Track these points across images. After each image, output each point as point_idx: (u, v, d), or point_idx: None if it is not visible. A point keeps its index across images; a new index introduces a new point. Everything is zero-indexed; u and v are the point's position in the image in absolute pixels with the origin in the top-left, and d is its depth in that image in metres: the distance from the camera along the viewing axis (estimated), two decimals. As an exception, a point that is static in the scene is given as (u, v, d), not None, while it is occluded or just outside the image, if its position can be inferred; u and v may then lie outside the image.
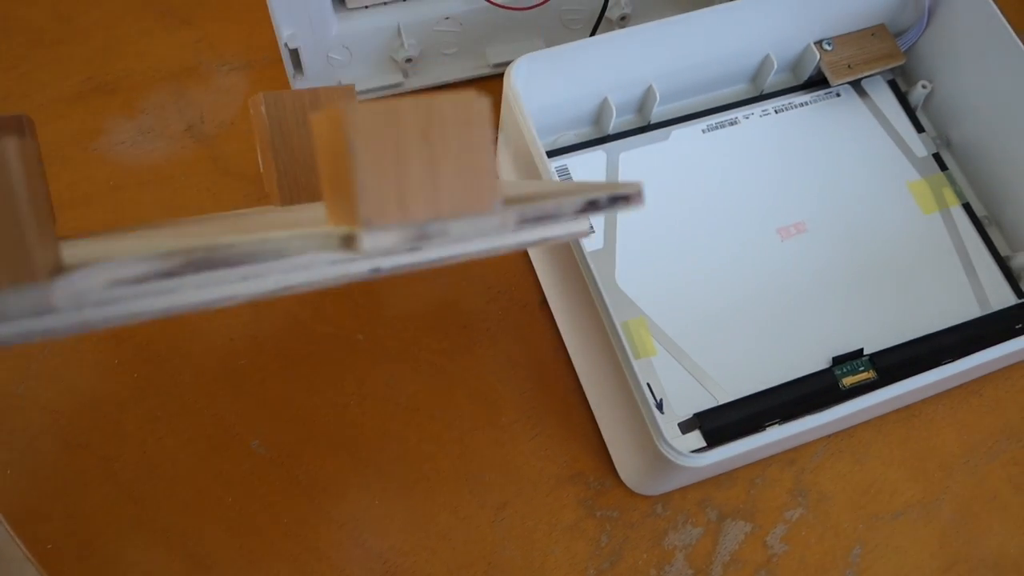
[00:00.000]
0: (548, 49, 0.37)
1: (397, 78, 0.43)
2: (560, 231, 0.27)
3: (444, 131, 0.19)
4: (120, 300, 0.19)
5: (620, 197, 0.21)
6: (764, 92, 0.44)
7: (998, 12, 0.40)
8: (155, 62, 0.44)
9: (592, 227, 0.28)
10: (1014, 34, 0.39)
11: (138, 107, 0.43)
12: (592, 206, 0.21)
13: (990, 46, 0.40)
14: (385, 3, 0.41)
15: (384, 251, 0.19)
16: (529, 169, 0.36)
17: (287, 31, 0.39)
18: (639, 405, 0.31)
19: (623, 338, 0.32)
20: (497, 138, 0.41)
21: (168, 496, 0.36)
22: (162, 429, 0.37)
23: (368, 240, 0.19)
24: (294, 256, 0.20)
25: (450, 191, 0.19)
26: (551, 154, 0.41)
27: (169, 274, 0.19)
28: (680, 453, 0.31)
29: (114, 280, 0.18)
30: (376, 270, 0.22)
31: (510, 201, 0.21)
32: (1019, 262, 0.41)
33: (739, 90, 0.44)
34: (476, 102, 0.20)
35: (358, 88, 0.43)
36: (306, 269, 0.21)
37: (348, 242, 0.19)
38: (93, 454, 0.36)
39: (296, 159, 0.31)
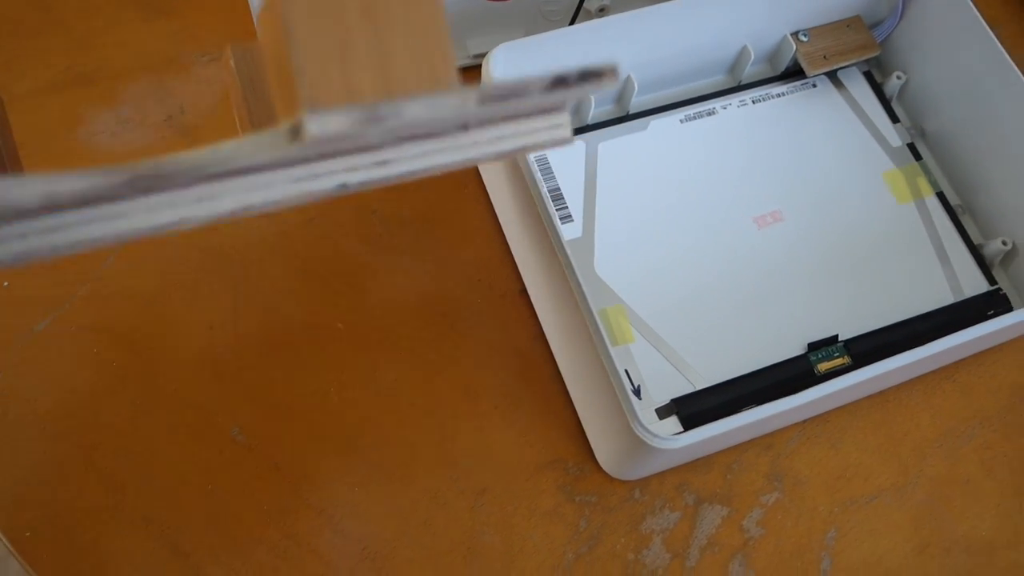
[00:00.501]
0: (526, 38, 0.37)
1: (377, 68, 0.43)
2: (538, 136, 0.24)
3: (388, 7, 0.18)
4: (65, 227, 0.18)
5: (592, 73, 0.20)
6: (742, 83, 0.45)
7: (970, 3, 0.40)
8: (134, 52, 0.44)
9: (573, 137, 0.27)
10: (986, 25, 0.40)
11: (117, 98, 0.43)
12: (562, 82, 0.20)
13: (963, 37, 0.41)
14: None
15: (332, 136, 0.18)
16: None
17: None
18: (616, 391, 0.32)
19: (600, 325, 0.32)
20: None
21: (148, 484, 0.36)
22: (142, 418, 0.37)
23: (313, 123, 0.17)
24: (244, 161, 0.18)
25: (401, 69, 0.18)
26: (530, 144, 0.42)
27: (113, 196, 0.17)
28: (655, 435, 0.31)
29: (50, 194, 0.17)
30: (343, 186, 0.21)
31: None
32: (991, 250, 0.41)
33: (717, 81, 0.45)
34: None
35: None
36: (266, 188, 0.20)
37: (296, 134, 0.18)
38: (72, 443, 0.36)
39: (271, 115, 0.30)
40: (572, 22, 0.43)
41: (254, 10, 0.39)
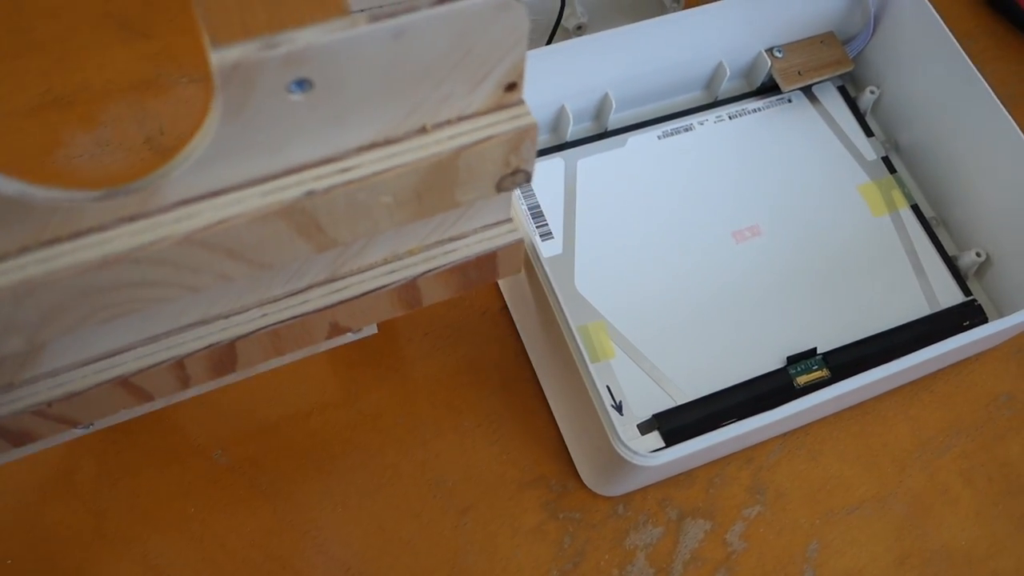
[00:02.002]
0: (503, 58, 0.38)
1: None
2: (494, 241, 0.28)
3: None
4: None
5: None
6: (718, 99, 0.45)
7: (939, 19, 0.41)
8: (114, 75, 0.44)
9: (523, 236, 0.30)
10: (955, 41, 0.41)
11: (96, 120, 0.43)
12: None
13: (933, 52, 0.42)
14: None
15: (235, 61, 0.20)
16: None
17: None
18: (596, 408, 0.32)
19: (580, 342, 0.32)
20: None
21: (130, 508, 0.36)
22: (122, 441, 0.37)
23: (216, 57, 0.20)
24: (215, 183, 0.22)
25: (293, 7, 0.21)
26: (510, 162, 0.42)
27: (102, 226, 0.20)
28: (636, 453, 0.31)
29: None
30: (310, 192, 0.24)
31: None
32: (966, 261, 0.42)
33: (694, 97, 0.45)
34: None
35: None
36: (239, 203, 0.22)
37: (210, 75, 0.21)
38: (52, 468, 0.36)
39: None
40: (550, 41, 0.43)
41: None
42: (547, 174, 0.42)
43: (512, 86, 0.25)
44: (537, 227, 0.41)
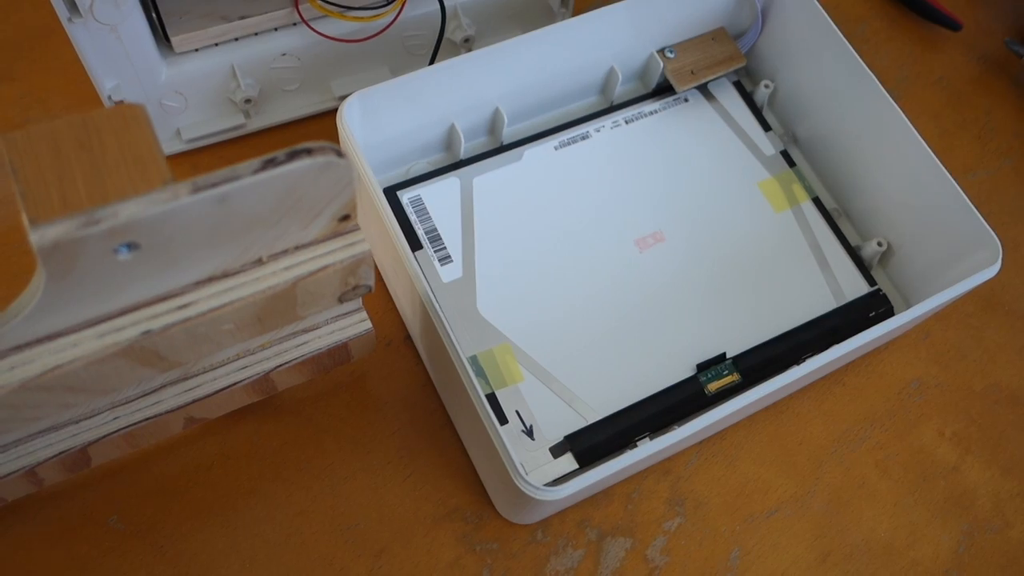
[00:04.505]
0: (382, 83, 0.36)
1: (238, 120, 0.42)
2: (345, 332, 0.29)
3: (101, 137, 0.22)
4: None
5: (302, 151, 0.23)
6: (614, 103, 0.44)
7: (822, 11, 0.41)
8: (-23, 123, 0.42)
9: (372, 328, 0.33)
10: (838, 30, 0.40)
11: (-40, 173, 0.40)
12: (271, 163, 0.22)
13: (820, 44, 0.41)
14: (216, 44, 0.40)
15: (54, 239, 0.20)
16: (368, 205, 0.35)
17: (109, 83, 0.38)
18: (495, 444, 0.31)
19: (473, 378, 0.31)
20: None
21: (23, 586, 0.34)
22: (9, 517, 0.35)
23: (35, 236, 0.20)
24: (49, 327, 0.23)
25: (115, 181, 0.22)
26: (404, 184, 0.41)
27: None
28: (537, 488, 0.30)
29: None
30: (147, 332, 0.24)
31: None
32: (869, 251, 0.42)
33: (590, 103, 0.45)
34: (130, 109, 0.23)
35: (198, 134, 0.41)
36: (73, 347, 0.23)
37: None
38: (-65, 551, 0.34)
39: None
40: (433, 57, 0.42)
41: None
42: (442, 194, 0.41)
43: (346, 217, 0.26)
44: (435, 251, 0.39)
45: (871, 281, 0.42)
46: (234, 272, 0.25)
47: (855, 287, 0.41)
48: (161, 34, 0.38)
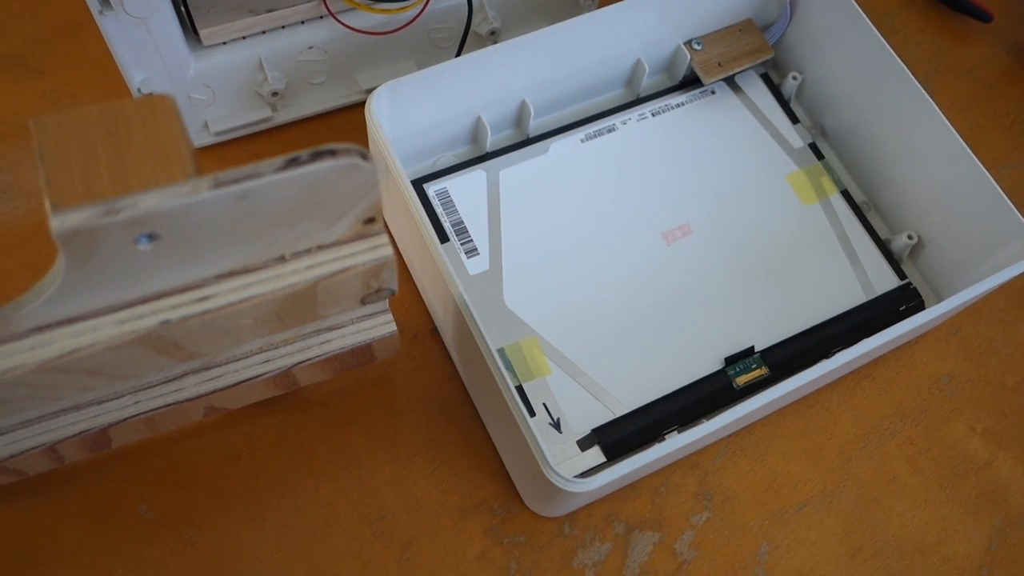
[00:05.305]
0: (410, 75, 0.36)
1: (265, 112, 0.42)
2: (369, 333, 0.29)
3: (129, 126, 0.22)
4: None
5: (326, 152, 0.23)
6: (640, 96, 0.44)
7: (852, 0, 0.40)
8: (8, 117, 0.42)
9: (396, 330, 0.32)
10: (868, 21, 0.40)
11: (-8, 166, 0.41)
12: (293, 163, 0.22)
13: (850, 35, 0.41)
14: (244, 37, 0.40)
15: (74, 226, 0.20)
16: (396, 197, 0.35)
17: (139, 76, 0.38)
18: (524, 435, 0.31)
19: (503, 370, 0.31)
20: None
21: (55, 575, 0.34)
22: (41, 504, 0.35)
23: (55, 221, 0.20)
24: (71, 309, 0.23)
25: (139, 171, 0.22)
26: (431, 177, 0.41)
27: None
28: (567, 480, 0.30)
29: None
30: (165, 322, 0.24)
31: None
32: (899, 244, 0.41)
33: (616, 95, 0.44)
34: (160, 100, 0.23)
35: (225, 127, 0.41)
36: (92, 331, 0.23)
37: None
38: (-31, 540, 0.34)
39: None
40: (459, 50, 0.42)
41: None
42: (469, 187, 0.41)
43: (371, 220, 0.26)
44: (462, 244, 0.39)
45: (901, 275, 0.41)
46: (256, 268, 0.25)
47: (885, 281, 0.41)
48: (190, 27, 0.38)
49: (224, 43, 0.40)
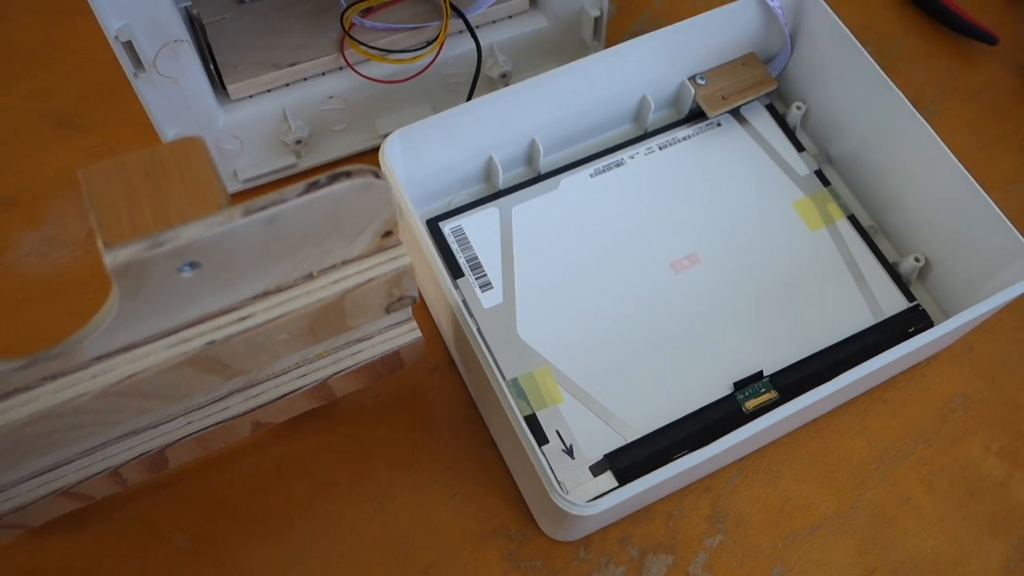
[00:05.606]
0: (421, 121, 0.38)
1: (290, 160, 0.44)
2: (396, 340, 0.31)
3: (166, 168, 0.25)
4: None
5: (341, 174, 0.25)
6: (648, 130, 0.46)
7: (848, 32, 0.41)
8: (54, 171, 0.45)
9: (421, 336, 0.35)
10: (863, 50, 0.41)
11: (40, 218, 0.44)
12: (313, 186, 0.25)
13: (847, 63, 0.42)
14: (268, 90, 0.42)
15: (125, 261, 0.23)
16: (410, 237, 0.37)
17: (172, 131, 0.41)
18: (533, 462, 0.32)
19: (510, 398, 0.33)
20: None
21: (97, 601, 0.36)
22: (84, 534, 0.37)
23: (108, 258, 0.23)
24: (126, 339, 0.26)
25: (177, 207, 0.24)
26: (446, 215, 0.43)
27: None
28: (574, 503, 0.31)
29: None
30: (211, 343, 0.27)
31: None
32: (907, 267, 0.42)
33: (624, 131, 0.46)
34: (191, 141, 0.25)
35: (253, 174, 0.44)
36: (146, 357, 0.26)
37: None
38: (14, 565, 0.37)
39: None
40: (470, 94, 0.44)
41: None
42: (482, 224, 0.42)
43: (388, 233, 0.28)
44: (476, 279, 0.41)
45: (910, 297, 0.42)
46: (287, 286, 0.27)
47: (894, 303, 0.41)
48: (218, 83, 0.41)
49: (250, 96, 0.42)
